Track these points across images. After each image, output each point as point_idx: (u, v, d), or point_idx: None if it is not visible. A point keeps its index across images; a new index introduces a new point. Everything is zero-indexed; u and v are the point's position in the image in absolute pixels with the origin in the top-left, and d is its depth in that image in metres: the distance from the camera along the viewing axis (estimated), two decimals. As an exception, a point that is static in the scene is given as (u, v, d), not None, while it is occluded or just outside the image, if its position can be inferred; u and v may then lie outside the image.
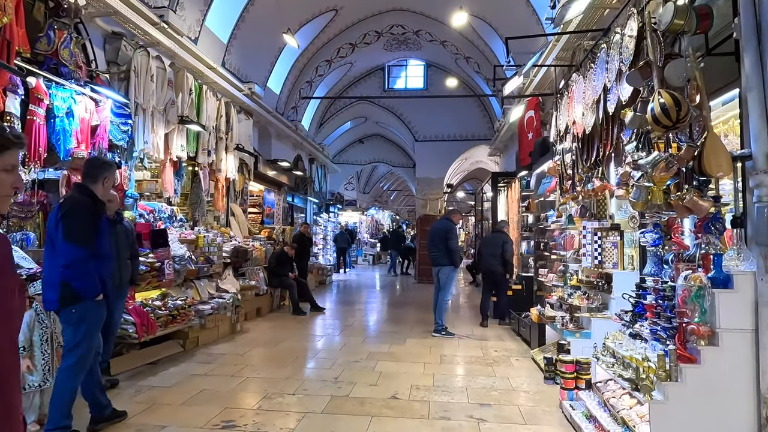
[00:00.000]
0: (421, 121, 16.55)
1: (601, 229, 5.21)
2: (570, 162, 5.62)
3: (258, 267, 9.35)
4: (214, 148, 8.72)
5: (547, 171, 6.07)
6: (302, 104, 14.35)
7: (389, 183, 30.25)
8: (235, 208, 10.07)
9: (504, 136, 12.69)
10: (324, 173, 19.59)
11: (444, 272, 7.89)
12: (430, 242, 8.14)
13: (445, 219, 8.24)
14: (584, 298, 5.19)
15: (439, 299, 7.92)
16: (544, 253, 7.89)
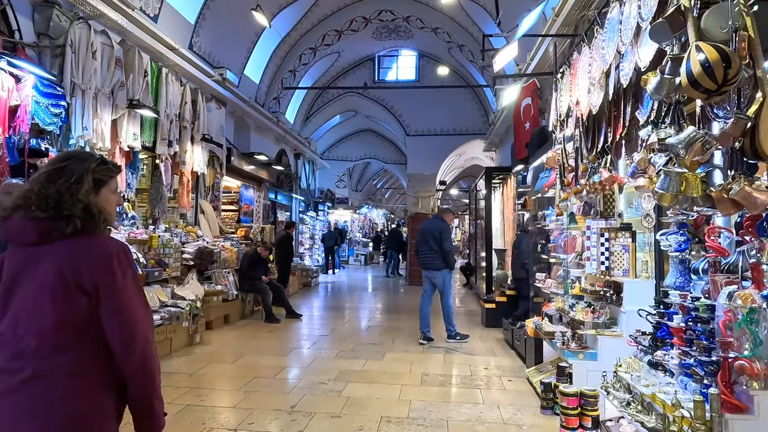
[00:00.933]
0: (412, 115, 15.71)
1: (608, 229, 4.40)
2: (572, 151, 4.79)
3: (228, 270, 8.51)
4: (177, 138, 7.87)
5: (546, 162, 5.25)
6: (285, 95, 13.50)
7: (383, 181, 29.41)
8: (205, 205, 9.23)
9: (499, 128, 11.87)
10: (312, 170, 18.75)
11: (440, 277, 7.13)
12: (421, 243, 7.33)
13: (437, 218, 7.43)
14: (588, 311, 4.37)
15: (443, 305, 7.19)
16: (542, 255, 7.07)
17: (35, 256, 1.48)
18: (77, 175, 1.54)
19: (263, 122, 12.06)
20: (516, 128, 8.14)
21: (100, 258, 1.50)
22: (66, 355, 1.44)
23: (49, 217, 1.48)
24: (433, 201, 15.66)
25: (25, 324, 1.45)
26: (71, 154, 1.64)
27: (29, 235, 1.49)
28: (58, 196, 1.50)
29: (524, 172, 8.47)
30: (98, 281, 1.48)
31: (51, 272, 1.46)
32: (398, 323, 8.48)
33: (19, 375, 1.41)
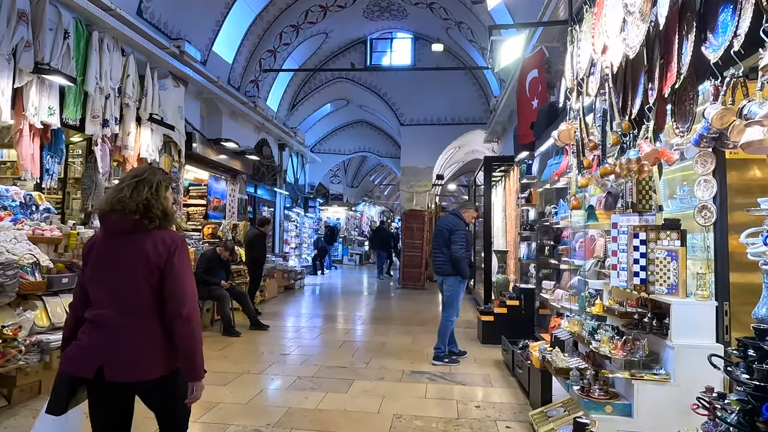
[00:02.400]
0: (407, 102, 14.43)
1: (645, 227, 3.15)
2: (596, 120, 3.51)
3: (180, 273, 7.27)
4: (116, 117, 6.63)
5: (558, 138, 3.96)
6: (266, 79, 12.24)
7: (381, 176, 28.14)
8: (159, 197, 7.98)
9: (502, 114, 10.58)
10: (302, 163, 17.51)
11: (449, 284, 5.91)
12: (433, 243, 6.18)
13: (453, 214, 6.14)
14: (618, 343, 3.09)
15: (443, 317, 5.98)
16: (549, 259, 5.80)
17: (127, 242, 2.08)
18: (155, 185, 2.15)
19: (238, 108, 10.81)
20: (520, 108, 6.86)
21: (169, 244, 2.11)
22: (152, 308, 2.08)
23: (139, 218, 2.08)
24: (429, 196, 14.38)
25: (124, 287, 2.06)
26: (144, 168, 2.26)
27: (124, 229, 2.09)
28: (146, 202, 2.10)
29: (529, 160, 7.20)
30: (165, 261, 2.07)
31: (140, 254, 2.06)
32: (380, 336, 7.23)
33: (124, 320, 2.05)
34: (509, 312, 6.80)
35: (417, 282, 13.58)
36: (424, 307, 10.28)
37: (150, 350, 2.06)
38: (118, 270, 2.07)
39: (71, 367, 2.03)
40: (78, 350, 2.05)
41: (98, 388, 2.04)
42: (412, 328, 7.97)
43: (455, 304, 5.95)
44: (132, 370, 2.02)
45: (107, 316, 2.04)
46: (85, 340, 2.06)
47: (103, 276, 2.08)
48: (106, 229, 2.14)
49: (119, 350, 2.01)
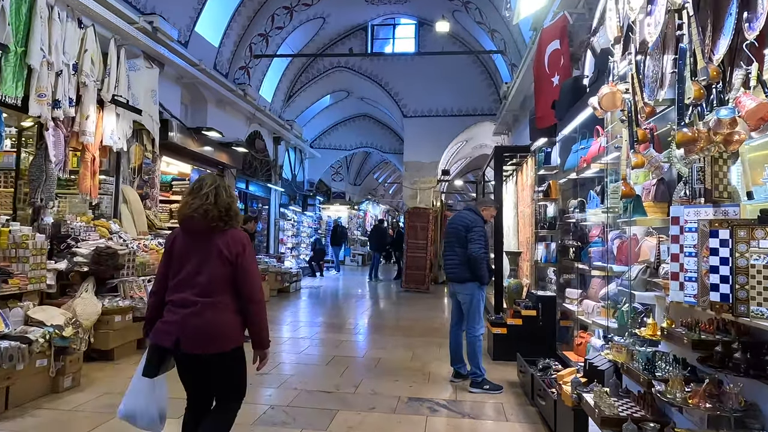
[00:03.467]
0: (410, 93, 13.49)
1: (730, 223, 2.22)
2: (657, 68, 2.56)
3: (148, 278, 6.38)
4: (71, 98, 5.76)
5: (600, 102, 2.99)
6: (257, 66, 11.36)
7: (385, 174, 27.22)
8: (129, 192, 7.12)
9: (514, 101, 9.62)
10: (301, 159, 16.63)
11: (465, 292, 4.97)
12: (445, 245, 5.26)
13: (469, 210, 5.18)
14: (700, 392, 2.14)
15: (468, 335, 5.01)
16: (575, 263, 4.85)
17: (205, 239, 2.49)
18: (228, 192, 2.58)
19: (225, 96, 9.94)
20: (539, 86, 5.91)
21: (238, 242, 2.52)
22: (223, 293, 2.48)
23: (218, 221, 2.49)
24: (434, 193, 13.44)
25: (203, 275, 2.46)
26: (214, 178, 2.64)
27: (204, 230, 2.49)
28: (227, 206, 2.53)
29: (547, 147, 6.25)
30: (236, 255, 2.48)
31: (216, 249, 2.47)
32: (376, 350, 6.31)
33: (204, 300, 2.44)
34: (525, 323, 5.86)
35: (421, 285, 12.65)
36: (427, 314, 9.35)
37: (223, 328, 2.47)
38: (197, 262, 2.48)
39: (157, 339, 2.49)
40: (163, 325, 2.48)
41: (179, 358, 2.51)
42: (412, 339, 7.04)
43: (478, 314, 5.00)
44: (207, 344, 2.43)
45: (187, 299, 2.45)
46: (167, 318, 2.48)
47: (183, 267, 2.50)
48: (186, 228, 2.56)
49: (196, 328, 2.42)
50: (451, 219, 5.38)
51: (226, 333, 2.47)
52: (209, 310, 2.43)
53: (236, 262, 2.48)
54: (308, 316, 9.17)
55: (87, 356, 5.42)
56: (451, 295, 5.24)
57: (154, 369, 2.52)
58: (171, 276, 2.53)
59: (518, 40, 9.34)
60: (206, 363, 2.49)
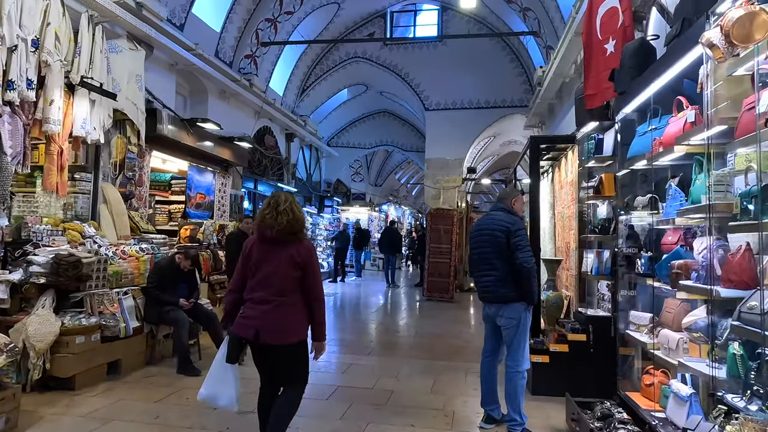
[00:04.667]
0: (433, 84, 12.41)
1: None
2: None
3: (125, 290, 5.48)
4: (30, 78, 4.90)
5: (729, 32, 1.89)
6: (266, 55, 10.46)
7: (408, 174, 26.17)
8: (109, 191, 6.25)
9: (549, 88, 8.47)
10: (317, 157, 15.72)
11: (509, 315, 3.88)
12: (476, 255, 4.08)
13: (500, 210, 4.05)
14: None
15: (509, 369, 3.92)
16: (645, 278, 3.72)
17: (278, 248, 2.94)
18: (298, 208, 3.04)
19: (228, 86, 9.06)
20: (589, 58, 4.77)
21: (307, 251, 2.99)
22: (294, 293, 2.93)
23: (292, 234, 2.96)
24: (459, 194, 12.33)
25: (276, 278, 2.89)
26: (287, 196, 3.08)
27: (278, 240, 2.94)
28: (297, 221, 2.98)
29: (597, 134, 5.11)
30: (305, 262, 2.94)
31: (289, 255, 2.91)
32: (389, 378, 5.26)
33: (279, 299, 2.88)
34: (572, 350, 4.75)
35: (444, 293, 11.55)
36: (451, 329, 8.26)
37: (292, 323, 2.94)
38: (272, 267, 2.92)
39: (239, 331, 2.94)
40: (243, 319, 2.95)
41: (256, 347, 2.97)
42: (433, 363, 5.98)
43: (525, 343, 3.95)
44: (279, 336, 2.91)
45: (264, 298, 2.90)
46: (247, 313, 2.94)
47: (261, 270, 2.94)
48: (263, 237, 3.00)
49: (271, 321, 2.88)
50: (480, 225, 4.17)
51: (296, 327, 2.94)
52: (283, 307, 2.89)
53: (305, 267, 2.94)
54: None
55: (44, 385, 4.57)
56: (486, 318, 4.14)
57: (235, 356, 2.98)
58: (249, 277, 2.98)
59: (555, 18, 8.20)
60: (278, 351, 2.94)
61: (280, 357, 2.97)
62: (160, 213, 8.95)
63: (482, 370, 4.14)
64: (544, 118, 10.41)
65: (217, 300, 7.50)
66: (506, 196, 4.20)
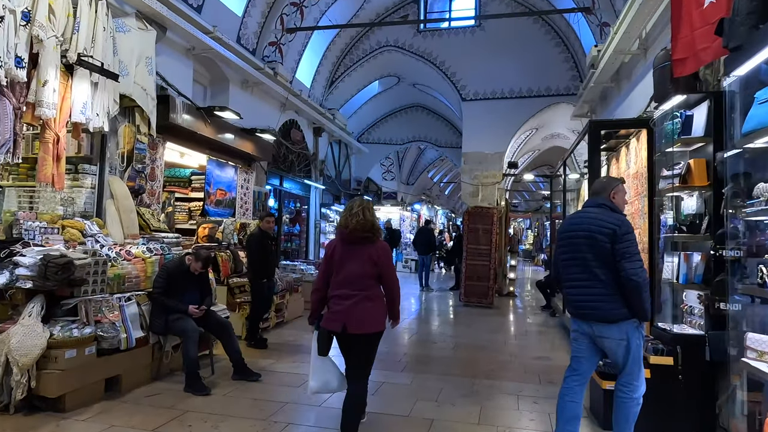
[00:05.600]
0: (470, 72, 11.52)
1: None
2: None
3: (128, 295, 4.87)
4: (19, 56, 4.32)
5: None
6: (291, 43, 9.82)
7: (441, 172, 25.28)
8: (116, 185, 5.66)
9: (606, 68, 7.50)
10: (346, 154, 15.06)
11: (617, 336, 3.12)
12: (570, 262, 3.29)
13: (603, 207, 3.24)
14: None
15: (622, 396, 3.22)
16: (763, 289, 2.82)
17: (357, 248, 3.31)
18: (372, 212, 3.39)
19: (251, 75, 8.43)
20: (678, 15, 3.85)
21: (383, 250, 3.37)
22: (373, 287, 3.33)
23: (369, 234, 3.30)
24: (498, 191, 11.41)
25: (358, 275, 3.28)
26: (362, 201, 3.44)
27: (359, 241, 3.30)
28: (373, 224, 3.33)
29: (684, 111, 4.19)
30: (381, 261, 3.31)
31: (368, 254, 3.29)
32: (426, 401, 4.46)
33: (361, 293, 3.27)
34: (655, 376, 3.83)
35: (483, 299, 10.66)
36: (493, 340, 7.40)
37: (375, 314, 3.32)
38: (353, 265, 3.30)
39: (328, 325, 3.31)
40: (331, 314, 3.32)
41: (344, 338, 3.31)
42: (478, 383, 5.14)
43: (639, 368, 3.17)
44: (364, 326, 3.27)
45: (349, 294, 3.27)
46: (334, 309, 3.31)
47: (344, 268, 3.31)
48: (344, 238, 3.35)
49: (357, 314, 3.25)
50: (572, 224, 3.34)
51: (377, 318, 3.35)
52: (365, 300, 3.29)
53: (381, 265, 3.33)
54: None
55: (30, 406, 3.97)
56: (578, 336, 3.31)
57: (326, 349, 3.39)
58: (333, 275, 3.37)
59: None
60: (362, 340, 3.32)
61: (363, 345, 3.34)
62: (179, 211, 8.40)
63: (562, 399, 3.29)
64: (595, 106, 9.41)
65: (237, 305, 6.86)
66: (604, 188, 3.34)
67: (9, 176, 5.73)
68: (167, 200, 8.24)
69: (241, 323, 6.82)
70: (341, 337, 3.32)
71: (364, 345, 3.34)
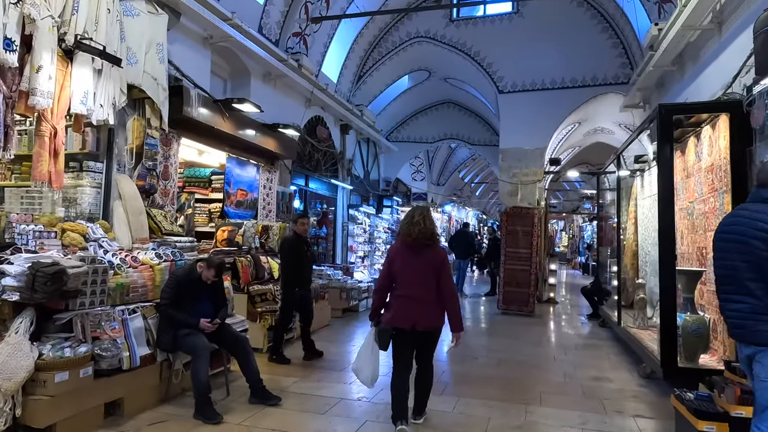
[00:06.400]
0: (508, 62, 10.72)
1: None
2: None
3: (134, 307, 4.33)
4: (10, 38, 3.83)
5: None
6: (316, 34, 9.26)
7: (473, 172, 24.42)
8: (124, 184, 5.14)
9: (669, 49, 6.64)
10: (375, 153, 14.44)
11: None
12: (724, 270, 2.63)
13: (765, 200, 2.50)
14: None
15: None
16: None
17: (421, 253, 3.70)
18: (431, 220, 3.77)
19: (274, 67, 7.88)
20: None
21: (441, 256, 3.76)
22: (434, 289, 3.66)
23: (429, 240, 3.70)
24: (539, 190, 10.58)
25: (421, 277, 3.66)
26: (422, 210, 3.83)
27: (421, 246, 3.69)
28: (433, 232, 3.73)
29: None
30: (440, 265, 3.68)
31: (428, 259, 3.67)
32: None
33: (426, 295, 3.66)
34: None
35: (523, 306, 9.86)
36: (541, 356, 6.62)
37: (437, 312, 3.72)
38: (417, 268, 3.69)
39: (393, 323, 3.67)
40: (395, 313, 3.68)
41: (410, 334, 3.67)
42: (533, 410, 4.40)
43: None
44: (430, 322, 3.70)
45: (412, 294, 3.67)
46: (400, 308, 3.68)
47: (407, 271, 3.70)
48: (406, 243, 3.74)
49: (422, 313, 3.65)
50: (726, 226, 2.66)
51: (438, 316, 3.74)
52: (427, 301, 3.67)
53: (440, 269, 3.70)
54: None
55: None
56: (742, 361, 2.65)
57: (386, 345, 3.71)
58: (397, 278, 3.74)
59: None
60: (426, 336, 3.74)
61: (427, 340, 3.76)
62: (199, 213, 7.91)
63: None
64: (649, 95, 8.51)
65: (258, 315, 6.28)
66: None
67: (12, 175, 5.31)
68: (187, 202, 7.77)
69: (263, 334, 6.26)
70: (407, 335, 3.68)
71: (428, 339, 3.79)
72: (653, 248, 7.19)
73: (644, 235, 8.13)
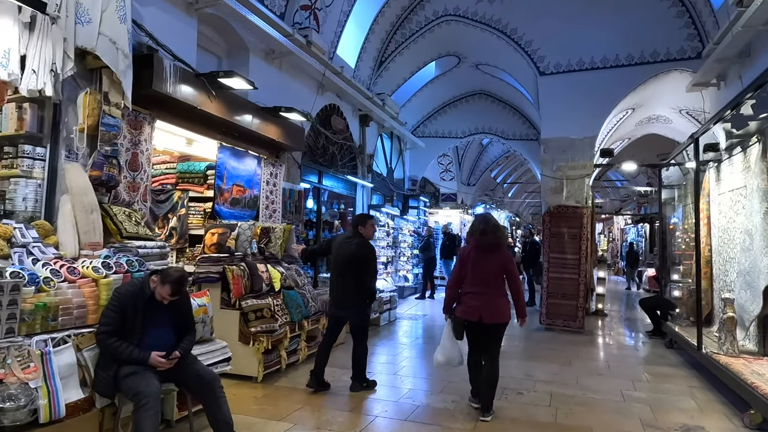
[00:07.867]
0: (549, 39, 9.32)
1: None
2: None
3: (61, 336, 3.22)
4: None
5: None
6: (329, 8, 8.11)
7: (506, 172, 22.94)
8: (73, 174, 4.05)
9: (757, 13, 5.19)
10: (399, 148, 13.23)
11: None
12: None
13: None
14: None
15: None
16: None
17: (489, 254, 4.27)
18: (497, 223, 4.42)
19: (278, 42, 6.75)
20: None
21: (508, 257, 4.36)
22: (502, 285, 4.28)
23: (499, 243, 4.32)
24: (587, 187, 9.15)
25: (490, 275, 4.23)
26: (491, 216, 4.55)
27: (492, 247, 4.29)
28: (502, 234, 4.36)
29: None
30: (507, 265, 4.31)
31: (498, 258, 4.27)
32: None
33: (491, 291, 4.22)
34: None
35: (571, 321, 8.46)
36: (603, 390, 5.25)
37: (505, 307, 4.21)
38: (487, 267, 4.23)
39: (465, 316, 4.22)
40: (467, 307, 4.23)
41: (476, 326, 4.21)
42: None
43: None
44: (497, 316, 4.18)
45: (483, 291, 4.20)
46: (471, 303, 4.21)
47: (479, 270, 4.22)
48: (479, 245, 4.30)
49: (491, 307, 4.16)
50: None
51: (506, 311, 4.23)
52: (497, 296, 4.21)
53: (507, 269, 4.29)
54: (390, 380, 5.54)
55: None
56: None
57: (460, 334, 4.32)
58: (468, 275, 4.26)
59: None
60: (492, 328, 4.20)
61: (493, 332, 4.22)
62: (193, 213, 6.87)
63: None
64: (726, 69, 7.03)
65: (251, 336, 5.13)
66: None
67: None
68: (180, 201, 6.72)
69: (257, 360, 5.13)
70: (476, 326, 4.20)
71: (495, 332, 4.23)
72: (744, 254, 5.74)
73: (723, 238, 6.67)
